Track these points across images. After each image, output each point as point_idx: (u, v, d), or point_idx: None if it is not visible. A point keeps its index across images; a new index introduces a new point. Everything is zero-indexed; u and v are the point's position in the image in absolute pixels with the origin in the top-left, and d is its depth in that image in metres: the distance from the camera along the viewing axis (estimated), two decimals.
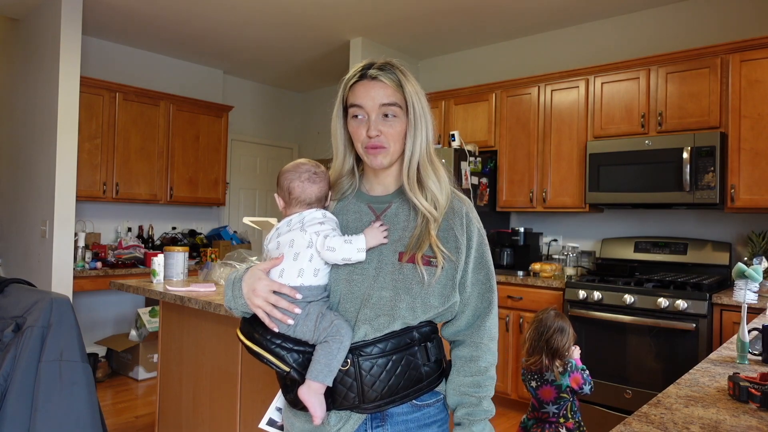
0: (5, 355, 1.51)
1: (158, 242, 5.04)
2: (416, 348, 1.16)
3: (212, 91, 5.66)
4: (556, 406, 2.30)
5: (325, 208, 1.26)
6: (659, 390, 2.34)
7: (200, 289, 2.53)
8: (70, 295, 3.83)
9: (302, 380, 1.12)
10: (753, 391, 1.14)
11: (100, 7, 4.13)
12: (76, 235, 4.17)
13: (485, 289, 1.23)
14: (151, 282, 2.85)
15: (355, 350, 1.12)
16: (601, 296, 3.33)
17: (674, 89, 3.42)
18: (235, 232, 5.56)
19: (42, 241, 3.94)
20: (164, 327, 2.91)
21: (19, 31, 4.47)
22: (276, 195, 1.29)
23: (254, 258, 2.94)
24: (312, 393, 1.10)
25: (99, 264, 4.36)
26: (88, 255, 4.37)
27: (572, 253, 3.92)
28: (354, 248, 1.14)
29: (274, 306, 1.13)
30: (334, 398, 1.13)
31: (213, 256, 4.23)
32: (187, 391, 2.72)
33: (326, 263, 1.17)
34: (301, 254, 1.16)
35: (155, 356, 4.33)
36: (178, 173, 5.05)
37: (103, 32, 4.68)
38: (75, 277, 4.08)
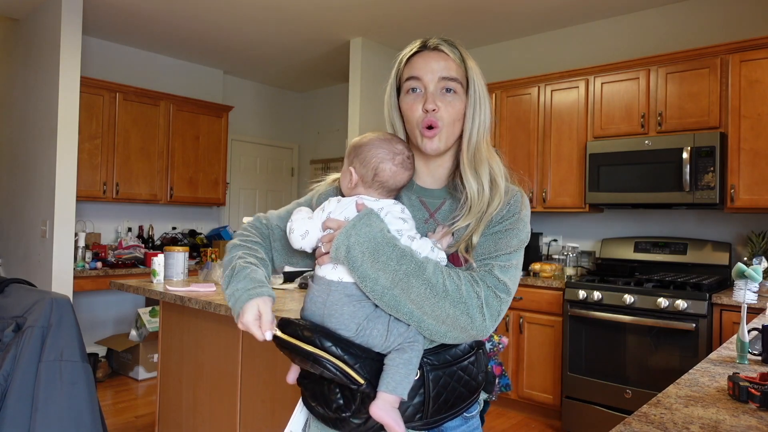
0: (5, 355, 1.51)
1: (158, 242, 5.04)
2: (474, 356, 1.08)
3: (212, 91, 5.66)
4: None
5: None
6: (659, 390, 2.34)
7: (200, 289, 2.53)
8: (70, 295, 3.83)
9: (373, 394, 0.97)
10: (753, 391, 1.14)
11: (100, 7, 4.13)
12: (76, 235, 4.17)
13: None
14: (151, 282, 2.86)
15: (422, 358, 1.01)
16: (601, 296, 3.33)
17: (674, 89, 3.42)
18: (235, 231, 5.56)
19: (42, 241, 3.94)
20: (164, 327, 2.91)
21: (19, 31, 4.47)
22: (351, 168, 1.09)
23: None
24: (389, 408, 0.95)
25: (99, 264, 4.35)
26: (88, 255, 4.37)
27: (572, 253, 3.92)
28: (435, 254, 1.06)
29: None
30: None
31: (213, 256, 4.23)
32: (187, 391, 2.72)
33: None
34: None
35: (155, 356, 4.33)
36: (178, 173, 5.05)
37: (103, 32, 4.68)
38: (75, 277, 4.08)
